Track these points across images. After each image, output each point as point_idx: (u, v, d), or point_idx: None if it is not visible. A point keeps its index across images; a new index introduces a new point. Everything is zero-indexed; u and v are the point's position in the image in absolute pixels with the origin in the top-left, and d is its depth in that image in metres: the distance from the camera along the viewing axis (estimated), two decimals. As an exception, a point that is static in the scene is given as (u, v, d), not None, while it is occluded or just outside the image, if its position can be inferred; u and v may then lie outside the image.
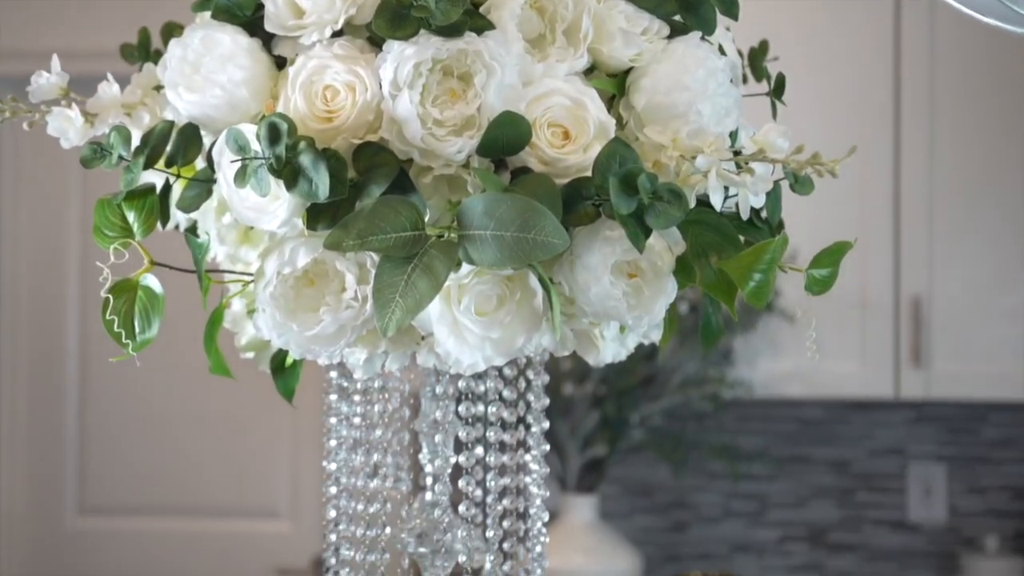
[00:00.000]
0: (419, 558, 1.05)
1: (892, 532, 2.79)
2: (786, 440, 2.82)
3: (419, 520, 1.06)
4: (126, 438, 2.97)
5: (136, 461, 2.97)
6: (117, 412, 2.98)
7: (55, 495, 2.99)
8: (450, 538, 1.04)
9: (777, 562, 2.82)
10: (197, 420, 2.95)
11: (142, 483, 2.97)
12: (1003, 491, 2.76)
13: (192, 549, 2.95)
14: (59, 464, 2.99)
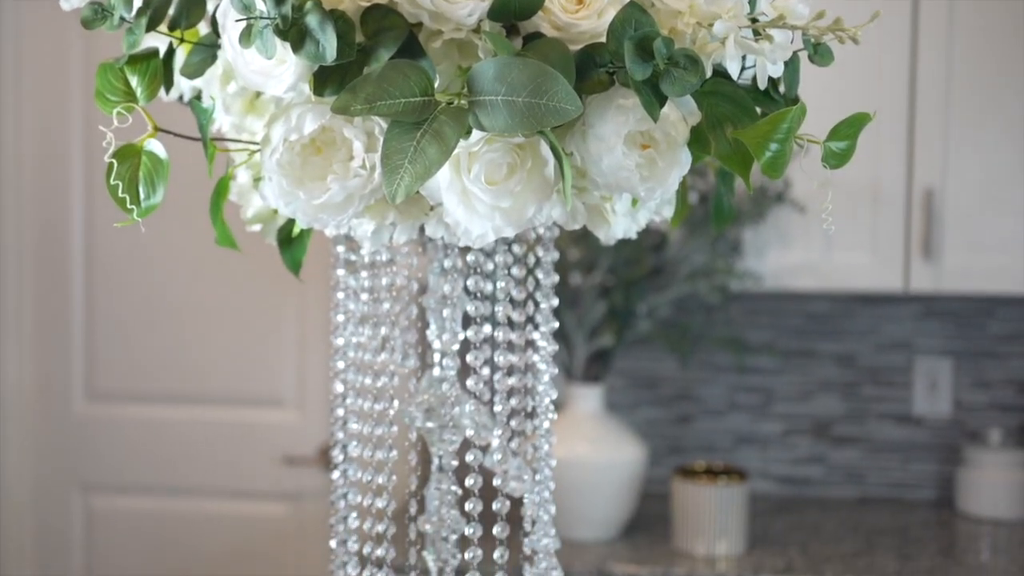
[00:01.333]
0: (426, 433, 1.06)
1: (896, 425, 2.81)
2: (793, 334, 2.82)
3: (427, 395, 1.06)
4: (133, 326, 2.99)
5: (143, 349, 2.98)
6: (124, 300, 2.98)
7: (63, 381, 3.01)
8: (458, 413, 1.04)
9: (781, 454, 2.84)
10: (204, 309, 2.96)
11: (149, 371, 2.99)
12: (1008, 385, 2.77)
13: (199, 437, 2.98)
14: (66, 350, 3.01)
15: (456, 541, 1.05)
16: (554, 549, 1.07)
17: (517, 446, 1.09)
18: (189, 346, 2.98)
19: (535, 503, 1.06)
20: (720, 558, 2.29)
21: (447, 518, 1.04)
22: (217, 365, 2.97)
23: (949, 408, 2.78)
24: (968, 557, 2.36)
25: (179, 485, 2.99)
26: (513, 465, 1.09)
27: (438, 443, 1.06)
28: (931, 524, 2.59)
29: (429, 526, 1.05)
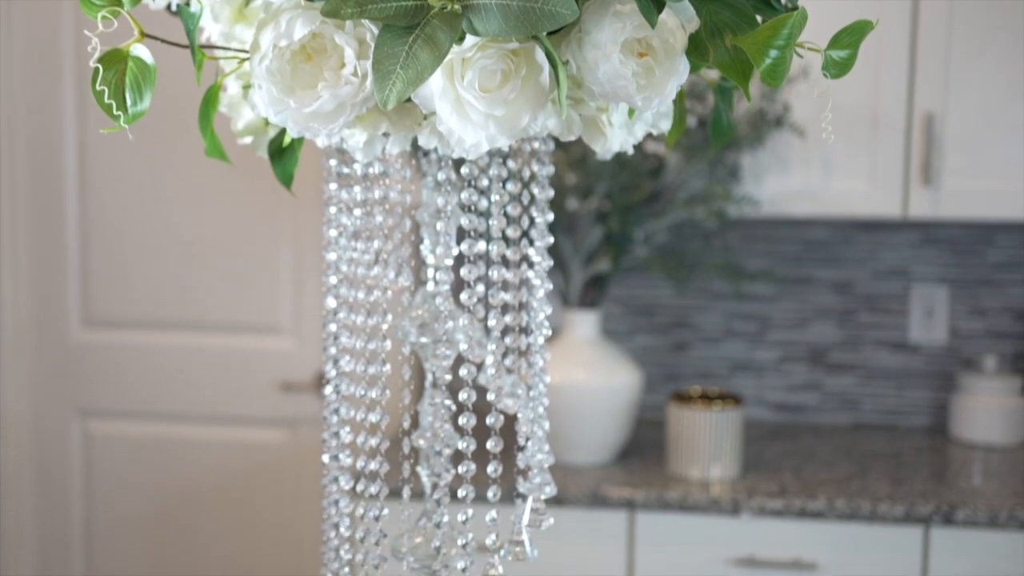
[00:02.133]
0: (420, 349, 1.05)
1: (892, 353, 2.81)
2: (790, 261, 2.82)
3: (420, 311, 1.05)
4: (128, 253, 2.97)
5: (139, 276, 2.98)
6: (119, 227, 2.97)
7: (58, 309, 3.01)
8: (451, 328, 1.03)
9: (776, 381, 2.85)
10: (200, 236, 2.94)
11: (145, 297, 2.98)
12: (1004, 312, 2.77)
13: (195, 363, 2.98)
14: (61, 278, 3.00)
15: (449, 456, 1.05)
16: (548, 464, 1.07)
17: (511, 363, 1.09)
18: (185, 273, 2.97)
19: (529, 419, 1.06)
20: (714, 482, 2.30)
21: (440, 433, 1.03)
22: (214, 292, 2.96)
23: (945, 336, 2.79)
24: (960, 481, 2.38)
25: (176, 411, 2.99)
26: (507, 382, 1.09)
27: (431, 359, 1.05)
28: (924, 449, 2.61)
29: (423, 441, 1.04)
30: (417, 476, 1.06)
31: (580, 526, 2.26)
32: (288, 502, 2.96)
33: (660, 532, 2.25)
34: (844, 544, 2.21)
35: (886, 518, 2.18)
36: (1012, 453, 2.56)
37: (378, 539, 1.04)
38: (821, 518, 2.21)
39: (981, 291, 2.77)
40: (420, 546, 1.05)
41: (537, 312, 1.05)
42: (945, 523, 2.17)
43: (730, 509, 2.22)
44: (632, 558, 2.26)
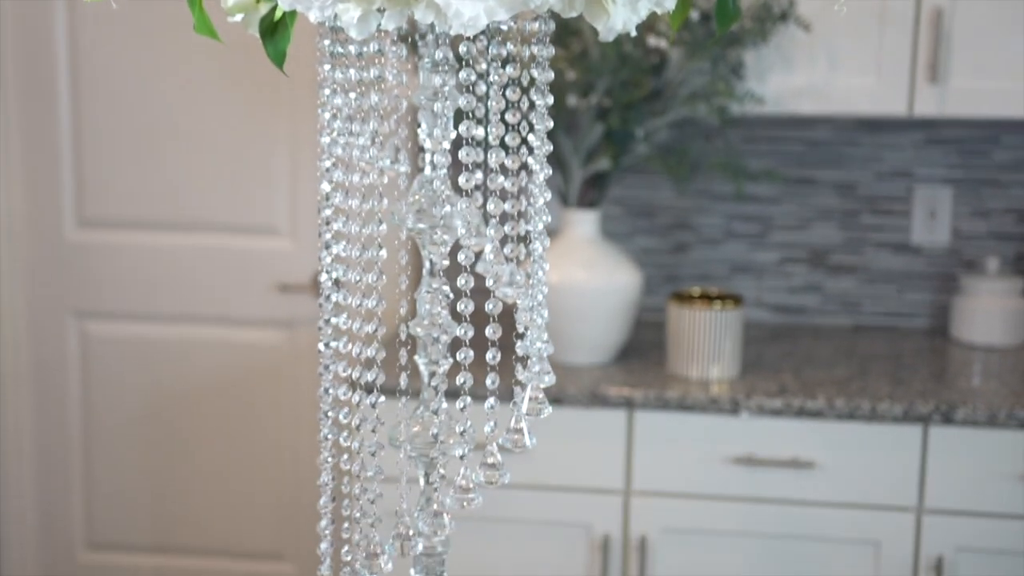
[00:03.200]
0: (417, 234, 1.03)
1: (894, 254, 2.79)
2: (793, 161, 2.78)
3: (417, 196, 1.03)
4: (123, 152, 2.94)
5: (134, 175, 2.94)
6: (112, 126, 2.93)
7: (53, 208, 2.98)
8: (449, 212, 1.00)
9: (777, 283, 2.83)
10: (195, 136, 2.90)
11: (140, 197, 2.95)
12: (1008, 214, 2.74)
13: (192, 264, 2.96)
14: (55, 177, 2.96)
15: (447, 344, 1.03)
16: (547, 354, 1.05)
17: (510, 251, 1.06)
18: (181, 173, 2.93)
19: (528, 307, 1.04)
20: (713, 381, 2.30)
21: (438, 320, 1.02)
22: (210, 192, 2.93)
23: (947, 237, 2.76)
24: (960, 381, 2.37)
25: (173, 312, 2.98)
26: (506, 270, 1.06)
27: (429, 245, 1.03)
28: (925, 351, 2.60)
29: (420, 329, 1.03)
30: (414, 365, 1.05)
31: (579, 425, 2.26)
32: (286, 403, 2.97)
33: (659, 431, 2.26)
34: (842, 443, 2.21)
35: (885, 417, 2.18)
36: (1012, 354, 2.56)
37: (375, 426, 1.02)
38: (820, 417, 2.21)
39: (985, 192, 2.74)
40: (418, 435, 1.03)
41: (536, 198, 1.03)
42: (944, 422, 2.17)
43: (729, 408, 2.22)
44: (631, 457, 2.27)
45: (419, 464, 1.04)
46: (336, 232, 1.01)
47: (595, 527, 2.29)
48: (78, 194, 2.97)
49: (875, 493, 2.22)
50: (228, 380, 2.98)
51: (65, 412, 3.05)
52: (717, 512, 2.26)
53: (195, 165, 2.92)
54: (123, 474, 3.05)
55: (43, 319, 3.03)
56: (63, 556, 3.10)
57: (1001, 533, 2.19)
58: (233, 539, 3.03)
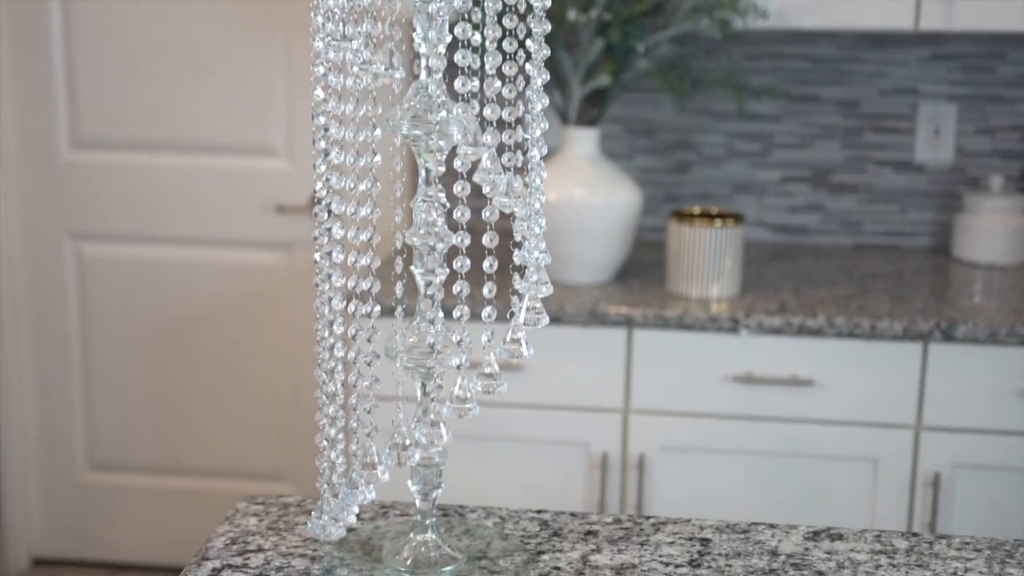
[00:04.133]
0: (413, 142, 1.00)
1: (897, 173, 2.77)
2: (796, 78, 2.74)
3: (413, 102, 1.00)
4: (116, 71, 2.89)
5: (128, 95, 2.90)
6: (106, 44, 2.88)
7: (47, 130, 2.94)
8: (445, 118, 0.98)
9: (778, 202, 2.81)
10: (190, 54, 2.86)
11: (135, 118, 2.92)
12: (1013, 131, 2.71)
13: (189, 185, 2.94)
14: (49, 98, 2.92)
15: (443, 252, 1.01)
16: (545, 264, 1.04)
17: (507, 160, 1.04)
18: (176, 92, 2.89)
19: (526, 216, 1.03)
20: (713, 300, 2.29)
21: (435, 228, 1.00)
22: (206, 112, 2.90)
23: (951, 155, 2.74)
24: (961, 299, 2.36)
25: (170, 234, 2.97)
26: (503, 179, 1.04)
27: (425, 153, 1.01)
28: (926, 269, 2.59)
29: (416, 238, 1.01)
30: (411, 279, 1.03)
31: (578, 344, 2.26)
32: (285, 324, 2.96)
33: (658, 350, 2.25)
34: (842, 361, 2.21)
35: (885, 335, 2.17)
36: (1014, 272, 2.55)
37: (370, 336, 1.01)
38: (820, 336, 2.20)
39: (990, 108, 2.71)
40: (415, 345, 1.02)
41: (534, 103, 1.00)
42: (944, 339, 2.16)
43: (729, 327, 2.21)
44: (630, 376, 2.27)
45: (416, 375, 1.03)
46: (331, 139, 0.99)
47: (594, 446, 2.29)
48: (72, 115, 2.94)
49: (874, 411, 2.22)
50: (227, 302, 2.97)
51: (64, 334, 3.05)
52: (716, 430, 2.26)
53: (190, 85, 2.89)
54: (124, 395, 3.05)
55: (40, 241, 3.01)
56: (65, 476, 3.11)
57: (998, 449, 2.19)
58: (233, 460, 3.05)
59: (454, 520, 1.19)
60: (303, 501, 1.23)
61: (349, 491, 1.04)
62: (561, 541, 1.15)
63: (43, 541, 3.15)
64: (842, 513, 2.23)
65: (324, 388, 1.03)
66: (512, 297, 1.04)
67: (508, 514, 1.22)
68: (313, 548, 1.12)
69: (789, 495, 2.26)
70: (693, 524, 1.20)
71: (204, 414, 3.04)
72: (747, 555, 1.13)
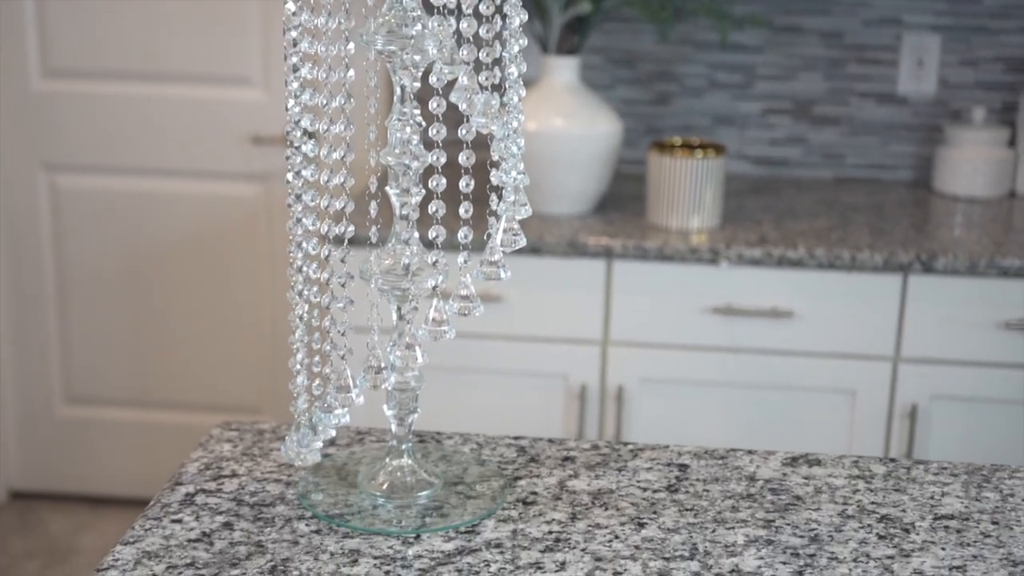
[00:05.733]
0: (387, 58, 0.98)
1: (878, 105, 2.74)
2: (779, 7, 2.71)
3: (388, 16, 0.98)
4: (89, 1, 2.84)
5: (100, 25, 2.84)
6: (75, -31, 2.82)
7: (17, 58, 2.88)
8: (420, 32, 0.95)
9: (760, 134, 2.79)
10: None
11: (107, 48, 2.86)
12: (996, 62, 2.69)
13: (164, 116, 2.89)
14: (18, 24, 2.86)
15: (419, 171, 0.99)
16: (523, 185, 1.01)
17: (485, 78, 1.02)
18: (150, 20, 2.84)
19: (503, 136, 1.00)
20: (693, 232, 2.27)
21: (410, 147, 0.98)
22: (180, 41, 2.84)
23: (934, 87, 2.71)
24: (941, 231, 2.36)
25: (146, 165, 2.92)
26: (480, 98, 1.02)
27: (400, 71, 0.98)
28: (907, 202, 2.58)
29: (391, 157, 0.99)
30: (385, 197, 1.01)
31: (557, 275, 2.24)
32: (263, 256, 2.93)
33: (638, 281, 2.24)
34: (822, 292, 2.20)
35: (865, 267, 2.16)
36: (995, 204, 2.54)
37: (344, 256, 0.99)
38: (800, 267, 2.19)
39: (974, 39, 2.68)
40: (390, 268, 1.00)
41: (512, 18, 0.98)
42: (924, 271, 2.16)
43: (708, 258, 2.20)
44: (609, 307, 2.25)
45: (391, 298, 1.01)
46: (302, 54, 0.96)
47: (572, 377, 2.29)
48: (43, 44, 2.88)
49: (853, 342, 2.22)
50: (203, 234, 2.94)
51: (39, 266, 3.01)
52: (695, 362, 2.26)
53: (164, 13, 2.83)
54: (100, 328, 3.03)
55: (12, 172, 2.97)
56: (41, 410, 3.10)
57: (975, 381, 2.20)
58: (212, 392, 3.03)
59: (431, 446, 1.18)
60: (278, 427, 1.22)
61: (323, 415, 1.03)
62: (538, 467, 1.14)
63: (20, 474, 3.14)
64: (820, 444, 2.24)
65: (296, 311, 1.01)
66: (490, 218, 1.02)
67: (485, 440, 1.21)
68: (288, 473, 1.11)
69: (768, 426, 2.27)
70: (671, 450, 1.19)
71: (182, 347, 3.02)
72: (725, 480, 1.12)
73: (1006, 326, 2.16)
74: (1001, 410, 2.20)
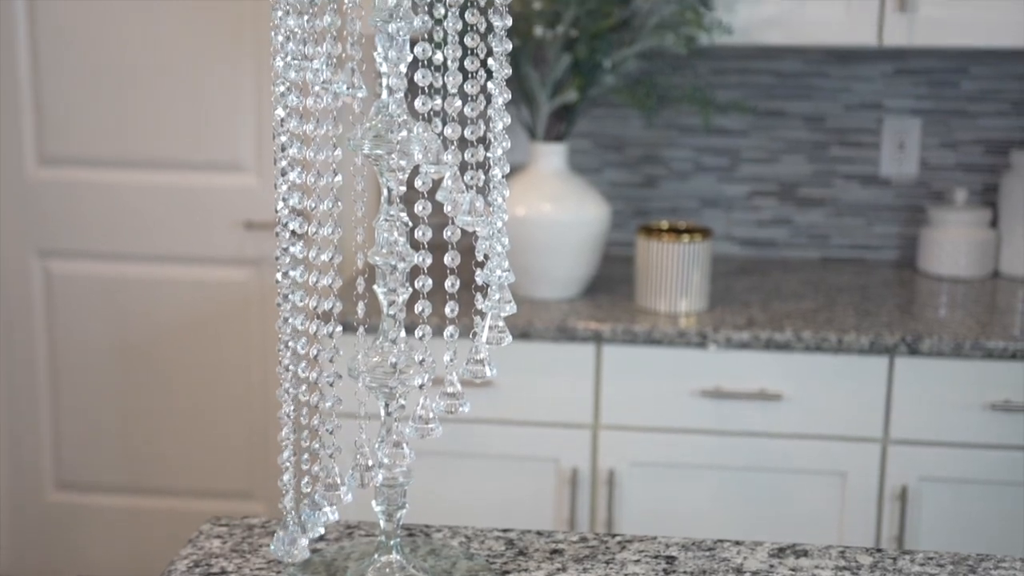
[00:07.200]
0: (374, 161, 1.00)
1: (862, 186, 2.79)
2: (762, 93, 2.76)
3: (374, 121, 1.00)
4: (83, 89, 2.88)
5: (95, 113, 2.89)
6: (73, 59, 2.86)
7: (13, 146, 2.92)
8: (406, 137, 0.98)
9: (746, 216, 2.82)
10: (155, 71, 2.85)
11: (102, 135, 2.90)
12: (976, 145, 2.74)
13: (156, 202, 2.92)
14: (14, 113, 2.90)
15: (405, 272, 1.01)
16: (508, 283, 1.04)
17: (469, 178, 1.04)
18: (143, 108, 2.88)
19: (488, 235, 1.03)
20: (681, 315, 2.29)
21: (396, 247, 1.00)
22: (174, 128, 2.88)
23: (916, 169, 2.76)
24: (926, 312, 2.38)
25: (139, 251, 2.95)
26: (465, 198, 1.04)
27: (387, 172, 1.01)
28: (892, 282, 2.61)
29: (378, 257, 1.01)
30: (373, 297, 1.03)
31: (547, 360, 2.25)
32: (254, 342, 2.95)
33: (627, 364, 2.25)
34: (810, 374, 2.22)
35: (851, 349, 2.18)
36: (979, 285, 2.57)
37: (332, 356, 1.01)
38: (787, 349, 2.21)
39: (953, 122, 2.73)
40: (377, 365, 1.02)
41: (496, 122, 1.01)
42: (910, 353, 2.17)
43: (697, 341, 2.22)
44: (599, 391, 2.27)
45: (378, 395, 1.02)
46: (292, 158, 0.99)
47: (564, 461, 2.29)
48: (39, 132, 2.92)
49: (841, 424, 2.23)
50: (196, 319, 2.96)
51: (32, 352, 3.02)
52: (685, 445, 2.27)
53: (158, 101, 2.87)
54: (92, 414, 3.03)
55: (7, 259, 2.99)
56: (32, 496, 3.08)
57: (964, 462, 2.21)
58: (203, 479, 3.03)
59: (419, 540, 1.18)
60: (267, 522, 1.22)
61: (312, 512, 1.04)
62: (527, 560, 1.15)
63: (10, 560, 3.12)
64: (811, 527, 2.24)
65: (287, 408, 1.03)
66: (475, 316, 1.03)
67: (474, 533, 1.21)
68: (277, 570, 1.11)
69: (759, 509, 2.27)
70: (659, 542, 1.20)
71: (173, 433, 3.02)
72: (712, 572, 1.13)
73: (992, 407, 2.17)
74: (990, 491, 2.21)
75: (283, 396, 1.03)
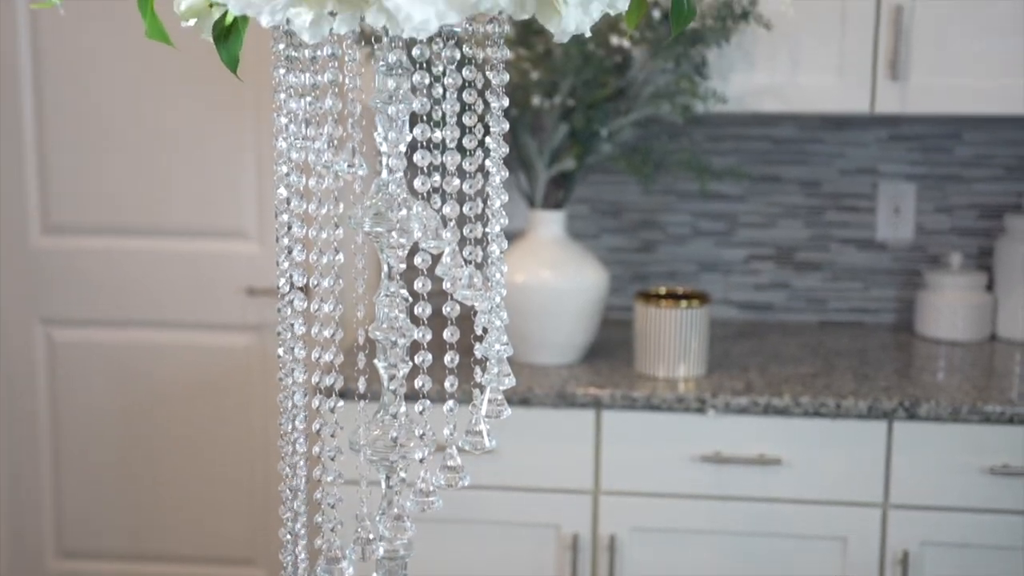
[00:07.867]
0: (375, 238, 1.03)
1: (859, 251, 2.81)
2: (758, 159, 2.80)
3: (374, 199, 1.03)
4: (88, 157, 2.92)
5: (99, 182, 2.92)
6: (77, 131, 2.91)
7: (18, 214, 2.95)
8: (405, 215, 1.00)
9: (744, 280, 2.85)
10: (160, 139, 2.89)
11: (105, 203, 2.93)
12: (970, 209, 2.77)
13: (160, 269, 2.95)
14: (19, 183, 2.94)
15: (405, 347, 1.03)
16: (507, 356, 1.05)
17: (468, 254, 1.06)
18: (146, 177, 2.92)
19: (487, 310, 1.05)
20: (680, 380, 2.31)
21: (396, 323, 1.02)
22: (176, 196, 2.92)
23: (911, 233, 2.79)
24: (924, 376, 2.39)
25: (141, 318, 2.97)
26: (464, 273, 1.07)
27: (387, 249, 1.03)
28: (889, 346, 2.62)
29: (379, 333, 1.03)
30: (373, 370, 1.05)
31: (547, 426, 2.27)
32: (256, 407, 2.96)
33: (627, 430, 2.26)
34: (809, 439, 2.23)
35: (850, 414, 2.19)
36: (976, 348, 2.58)
37: (334, 431, 1.02)
38: (786, 414, 2.22)
39: (948, 188, 2.77)
40: (378, 438, 1.03)
41: (493, 200, 1.03)
42: (908, 418, 2.19)
43: (696, 407, 2.23)
44: (599, 457, 2.27)
45: (379, 468, 1.04)
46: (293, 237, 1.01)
47: (564, 527, 2.29)
48: (43, 201, 2.95)
49: (841, 489, 2.23)
50: (198, 385, 2.97)
51: (34, 419, 3.03)
52: (685, 510, 2.27)
53: (161, 169, 2.91)
54: (93, 481, 3.03)
55: (10, 327, 3.01)
56: (33, 564, 3.07)
57: (965, 527, 2.21)
58: (205, 545, 3.02)
59: (420, 611, 1.19)
60: (269, 594, 1.23)
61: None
62: (526, 631, 1.15)
63: (8, 631, 3.10)
64: (812, 592, 2.23)
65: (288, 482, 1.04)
66: (474, 389, 1.05)
67: (474, 604, 1.22)
68: (278, 642, 1.11)
69: (760, 574, 2.26)
70: (658, 611, 1.20)
71: (175, 499, 3.02)
72: (711, 642, 1.13)
73: (991, 471, 2.18)
74: (991, 556, 2.21)
75: (284, 470, 1.04)
